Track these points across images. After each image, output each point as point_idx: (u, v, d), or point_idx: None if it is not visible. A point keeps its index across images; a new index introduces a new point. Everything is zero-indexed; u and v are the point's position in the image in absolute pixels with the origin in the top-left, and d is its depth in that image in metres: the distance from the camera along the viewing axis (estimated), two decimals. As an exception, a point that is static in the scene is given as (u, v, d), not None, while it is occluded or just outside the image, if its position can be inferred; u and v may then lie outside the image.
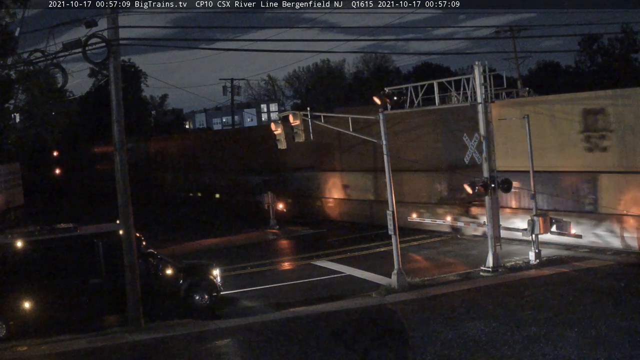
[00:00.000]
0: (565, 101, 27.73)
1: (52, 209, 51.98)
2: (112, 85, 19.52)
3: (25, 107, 32.26)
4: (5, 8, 29.33)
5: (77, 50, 18.77)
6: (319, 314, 19.68)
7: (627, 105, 25.00)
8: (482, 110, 23.50)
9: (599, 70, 65.58)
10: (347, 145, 36.99)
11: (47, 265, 19.84)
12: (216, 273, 21.73)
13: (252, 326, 19.08)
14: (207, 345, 17.71)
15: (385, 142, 22.47)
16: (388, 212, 22.32)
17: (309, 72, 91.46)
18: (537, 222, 23.88)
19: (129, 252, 19.53)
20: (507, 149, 27.91)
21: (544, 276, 21.98)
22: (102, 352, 17.75)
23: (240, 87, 68.14)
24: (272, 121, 30.00)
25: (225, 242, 34.77)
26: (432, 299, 20.34)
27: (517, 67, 52.07)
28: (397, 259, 22.03)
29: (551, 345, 15.16)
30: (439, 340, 16.26)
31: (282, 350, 16.55)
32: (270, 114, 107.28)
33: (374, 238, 31.14)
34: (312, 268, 26.72)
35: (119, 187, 19.71)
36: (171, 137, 71.98)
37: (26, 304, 19.38)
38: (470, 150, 23.86)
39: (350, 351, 16.17)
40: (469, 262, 25.18)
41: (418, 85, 25.32)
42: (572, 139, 26.51)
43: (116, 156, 19.72)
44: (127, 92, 50.04)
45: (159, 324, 19.75)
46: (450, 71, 77.56)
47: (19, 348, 18.39)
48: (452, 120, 30.76)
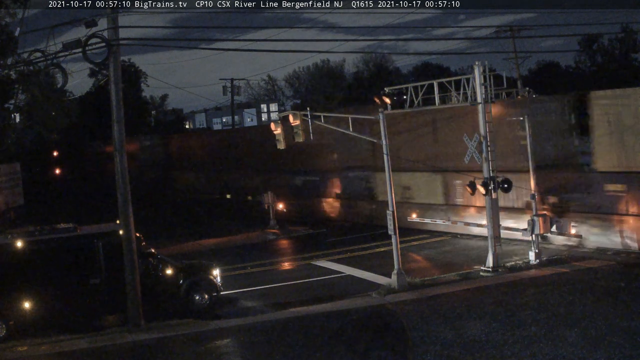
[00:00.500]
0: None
1: (52, 209, 51.96)
2: (112, 85, 19.52)
3: (25, 107, 32.22)
4: (5, 8, 29.30)
5: (77, 50, 18.78)
6: (319, 314, 19.68)
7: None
8: (482, 110, 23.50)
9: (599, 70, 65.59)
10: (402, 142, 33.31)
11: (47, 265, 19.83)
12: (216, 273, 21.73)
13: (252, 326, 19.08)
14: (207, 345, 17.71)
15: (386, 142, 22.48)
16: (388, 212, 22.32)
17: (309, 72, 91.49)
18: (537, 222, 23.88)
19: (129, 252, 19.53)
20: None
21: (544, 276, 21.98)
22: (102, 352, 17.75)
23: (240, 87, 68.17)
24: (272, 121, 30.01)
25: (225, 242, 34.79)
26: (432, 299, 20.33)
27: (517, 67, 52.09)
28: (397, 259, 22.03)
29: (551, 345, 15.16)
30: (439, 340, 16.26)
31: (282, 350, 16.55)
32: (270, 114, 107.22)
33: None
34: (312, 268, 26.74)
35: (119, 187, 19.71)
36: (194, 134, 69.99)
37: (26, 304, 19.38)
38: (472, 152, 23.84)
39: (350, 351, 16.16)
40: (469, 262, 25.18)
41: (418, 85, 25.32)
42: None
43: (116, 156, 19.71)
44: (127, 92, 49.97)
45: (159, 324, 19.73)
46: (450, 71, 77.65)
47: (19, 348, 18.38)
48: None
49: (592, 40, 65.42)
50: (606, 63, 65.98)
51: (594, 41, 65.89)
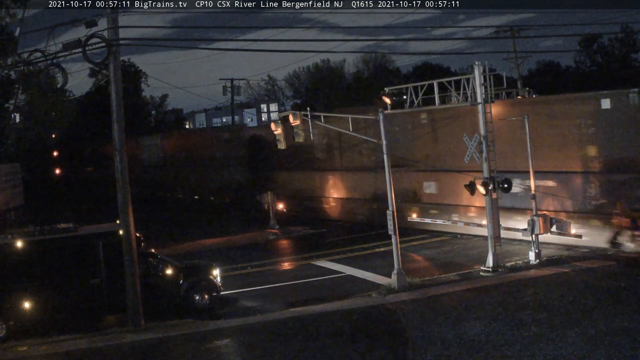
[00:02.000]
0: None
1: (52, 209, 51.97)
2: (112, 85, 19.52)
3: (25, 107, 32.25)
4: (5, 8, 29.32)
5: (77, 50, 18.76)
6: (319, 314, 19.67)
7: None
8: (482, 110, 23.51)
9: (599, 70, 65.55)
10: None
11: (47, 265, 19.84)
12: (216, 273, 21.73)
13: (252, 326, 19.07)
14: (207, 345, 17.70)
15: (385, 142, 22.48)
16: (388, 212, 22.32)
17: (309, 72, 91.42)
18: (537, 222, 23.87)
19: (129, 252, 19.52)
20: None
21: (544, 276, 21.98)
22: (102, 352, 17.74)
23: (240, 87, 68.10)
24: (272, 121, 30.01)
25: (225, 242, 34.79)
26: (432, 299, 20.33)
27: (517, 67, 52.04)
28: (397, 259, 22.03)
29: (551, 345, 15.15)
30: (439, 340, 16.25)
31: (282, 350, 16.54)
32: (270, 114, 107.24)
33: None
34: (312, 268, 26.74)
35: (119, 187, 19.69)
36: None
37: (26, 304, 19.38)
38: (472, 152, 23.84)
39: (351, 351, 16.15)
40: (469, 261, 25.18)
41: (418, 85, 25.33)
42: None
43: (116, 156, 19.70)
44: (127, 92, 50.00)
45: (159, 324, 19.73)
46: (450, 71, 77.49)
47: (19, 348, 18.37)
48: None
49: (592, 40, 65.35)
50: (606, 63, 65.92)
51: (594, 41, 65.81)
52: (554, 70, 73.69)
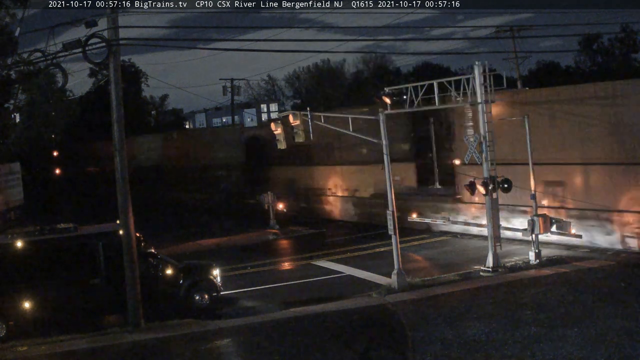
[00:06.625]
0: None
1: (52, 209, 51.95)
2: (112, 85, 19.53)
3: (25, 107, 32.22)
4: (5, 8, 29.29)
5: (77, 50, 18.77)
6: (319, 314, 19.67)
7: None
8: (482, 110, 23.49)
9: (599, 70, 65.53)
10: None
11: (47, 265, 19.85)
12: (216, 273, 21.73)
13: (252, 326, 19.07)
14: (207, 345, 17.70)
15: (386, 142, 22.47)
16: (388, 212, 22.31)
17: (309, 72, 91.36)
18: (537, 222, 23.86)
19: (129, 252, 19.52)
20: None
21: (544, 276, 21.97)
22: (102, 352, 17.75)
23: (240, 87, 68.01)
24: (272, 121, 29.97)
25: (225, 242, 34.78)
26: (432, 299, 20.33)
27: (517, 67, 51.97)
28: (397, 259, 22.03)
29: (551, 345, 15.15)
30: (439, 340, 16.25)
31: (282, 350, 16.54)
32: (270, 114, 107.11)
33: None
34: (312, 268, 26.74)
35: (119, 187, 19.70)
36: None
37: (26, 304, 19.39)
38: (472, 152, 23.84)
39: (351, 351, 16.16)
40: (469, 261, 25.17)
41: (418, 85, 25.31)
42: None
43: (116, 156, 19.71)
44: (127, 92, 49.94)
45: (159, 324, 19.74)
46: (450, 71, 77.44)
47: (19, 348, 18.38)
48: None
49: (592, 40, 65.36)
50: (606, 63, 65.91)
51: (594, 41, 65.81)
52: (554, 70, 73.64)
